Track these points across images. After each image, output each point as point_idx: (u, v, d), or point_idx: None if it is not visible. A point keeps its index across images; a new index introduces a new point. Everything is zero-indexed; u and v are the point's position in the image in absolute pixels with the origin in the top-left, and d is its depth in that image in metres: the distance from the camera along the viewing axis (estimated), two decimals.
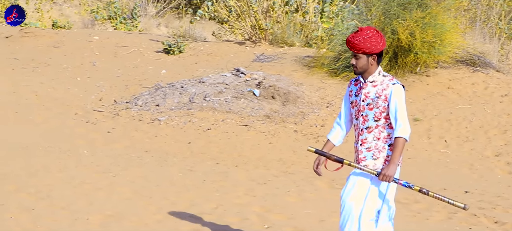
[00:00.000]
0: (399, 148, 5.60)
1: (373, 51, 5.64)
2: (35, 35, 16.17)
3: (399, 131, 5.60)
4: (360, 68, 5.70)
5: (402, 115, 5.61)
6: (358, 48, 5.63)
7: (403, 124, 5.60)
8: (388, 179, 5.62)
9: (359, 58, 5.67)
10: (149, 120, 11.75)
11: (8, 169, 8.71)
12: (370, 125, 5.71)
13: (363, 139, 5.75)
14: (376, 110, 5.68)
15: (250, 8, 15.68)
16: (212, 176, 9.10)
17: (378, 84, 5.69)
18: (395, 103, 5.62)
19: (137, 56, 15.34)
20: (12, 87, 13.12)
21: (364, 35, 5.63)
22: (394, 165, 5.61)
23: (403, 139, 5.60)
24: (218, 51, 15.45)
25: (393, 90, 5.64)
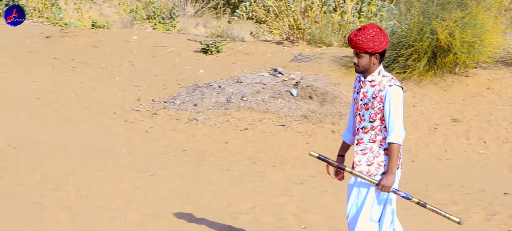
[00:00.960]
0: (394, 155, 5.46)
1: (376, 51, 5.48)
2: (75, 35, 16.32)
3: (392, 136, 5.44)
4: (362, 67, 5.54)
5: (395, 119, 5.45)
6: (360, 47, 5.47)
7: (396, 128, 5.44)
8: (387, 190, 5.49)
9: (361, 57, 5.51)
10: (187, 120, 11.80)
11: (47, 167, 8.80)
12: (365, 125, 5.57)
13: (359, 139, 5.61)
14: (371, 111, 5.53)
15: (288, 8, 15.66)
16: (249, 176, 9.11)
17: (376, 85, 5.53)
18: (389, 106, 5.46)
19: (175, 56, 15.40)
20: (52, 87, 13.26)
21: (366, 35, 5.47)
22: (392, 175, 5.48)
23: (397, 145, 5.44)
24: (256, 51, 15.46)
25: (388, 93, 5.47)
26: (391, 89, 5.47)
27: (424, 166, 10.31)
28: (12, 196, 7.77)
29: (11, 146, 9.59)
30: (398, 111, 5.48)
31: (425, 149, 11.00)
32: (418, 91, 12.68)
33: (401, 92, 5.53)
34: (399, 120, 5.47)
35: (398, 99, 5.49)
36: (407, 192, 8.62)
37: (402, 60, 12.97)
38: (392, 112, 5.46)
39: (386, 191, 5.50)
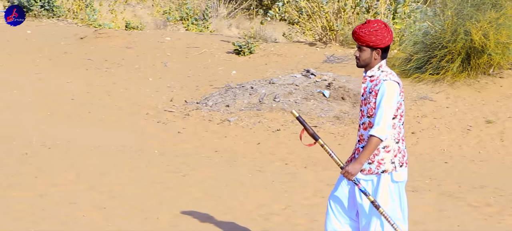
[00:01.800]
0: (369, 147, 5.35)
1: (378, 45, 5.41)
2: (108, 36, 16.44)
3: (375, 129, 5.33)
4: (363, 61, 5.48)
5: (384, 113, 5.34)
6: (362, 40, 5.42)
7: (382, 123, 5.33)
8: (349, 176, 5.41)
9: (363, 51, 5.45)
10: (219, 120, 11.82)
11: (81, 168, 8.87)
12: (364, 121, 5.49)
13: (360, 135, 5.55)
14: (368, 106, 5.45)
15: (321, 9, 15.63)
16: (281, 177, 9.10)
17: (374, 80, 5.47)
18: (380, 100, 5.37)
19: (208, 57, 15.45)
20: (85, 88, 13.37)
21: (370, 28, 5.41)
22: (359, 164, 5.39)
23: (377, 139, 5.33)
24: (288, 52, 15.45)
25: (382, 87, 5.39)
26: (386, 84, 5.39)
27: (458, 167, 10.24)
28: (47, 196, 7.84)
29: (45, 146, 9.68)
30: (389, 107, 5.37)
31: (459, 151, 10.92)
32: (451, 93, 12.59)
33: (397, 87, 5.42)
34: (387, 115, 5.36)
35: (391, 94, 5.38)
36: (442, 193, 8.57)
37: (436, 62, 12.89)
38: (381, 106, 5.36)
39: (348, 177, 5.42)
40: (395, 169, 5.50)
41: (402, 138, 5.54)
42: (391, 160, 5.49)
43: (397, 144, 5.49)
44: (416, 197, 8.56)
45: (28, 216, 7.24)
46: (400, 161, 5.52)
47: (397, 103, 5.42)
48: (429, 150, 10.87)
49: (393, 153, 5.49)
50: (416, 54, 13.18)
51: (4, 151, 9.26)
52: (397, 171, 5.51)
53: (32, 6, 18.58)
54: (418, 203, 8.31)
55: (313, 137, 5.63)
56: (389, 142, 5.46)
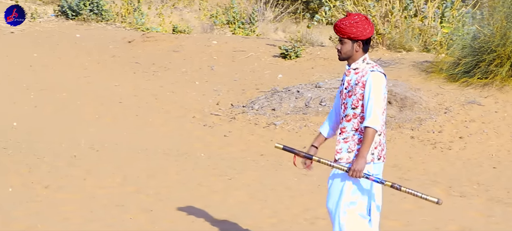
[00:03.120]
0: (368, 139, 5.38)
1: (358, 37, 5.46)
2: (156, 40, 16.56)
3: (368, 120, 5.36)
4: (344, 54, 5.53)
5: (374, 104, 5.37)
6: (343, 32, 5.48)
7: (373, 113, 5.36)
8: (358, 174, 5.41)
9: (344, 44, 5.50)
10: (265, 124, 11.84)
11: (128, 170, 8.95)
12: (348, 113, 5.51)
13: (342, 128, 5.55)
14: (353, 97, 5.47)
15: (368, 13, 15.57)
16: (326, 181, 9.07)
17: (359, 72, 5.49)
18: (369, 91, 5.40)
19: (254, 60, 15.48)
20: (133, 91, 13.49)
21: (351, 20, 5.47)
22: (362, 158, 5.40)
23: (372, 129, 5.36)
24: (335, 56, 15.41)
25: (369, 77, 5.42)
26: (372, 75, 5.43)
27: (506, 173, 10.10)
28: (94, 198, 7.93)
29: (93, 149, 9.79)
30: (378, 97, 5.41)
31: (508, 156, 10.77)
32: (500, 97, 12.43)
33: (383, 79, 5.46)
34: (378, 105, 5.40)
35: (379, 85, 5.42)
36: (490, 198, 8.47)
37: (484, 66, 12.74)
38: (371, 97, 5.40)
39: (358, 176, 5.43)
40: (373, 161, 5.51)
41: (383, 132, 5.57)
42: (371, 151, 5.51)
43: (379, 137, 5.52)
44: (464, 202, 8.48)
45: (76, 217, 7.34)
46: (378, 153, 5.55)
47: (383, 94, 5.46)
48: (477, 155, 10.75)
49: (373, 145, 5.51)
50: (464, 58, 13.04)
51: (54, 153, 9.39)
52: (375, 163, 5.53)
53: (82, 10, 18.81)
54: (466, 208, 8.23)
55: (306, 157, 5.67)
56: None
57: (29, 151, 9.40)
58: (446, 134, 11.21)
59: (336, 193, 5.65)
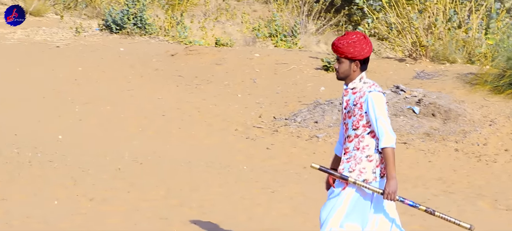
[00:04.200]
0: (390, 159, 5.35)
1: (356, 57, 5.42)
2: (198, 53, 16.64)
3: (383, 141, 5.33)
4: (342, 74, 5.49)
5: (383, 123, 5.34)
6: (340, 52, 5.43)
7: (385, 132, 5.33)
8: (392, 197, 5.39)
9: (341, 63, 5.46)
10: (308, 137, 11.83)
11: (171, 183, 9.01)
12: (350, 133, 5.48)
13: (346, 148, 5.53)
14: (353, 118, 5.44)
15: (411, 24, 15.49)
16: None
17: (357, 92, 5.45)
18: (374, 112, 5.36)
19: (297, 73, 15.48)
20: (176, 104, 13.57)
21: (348, 39, 5.42)
22: (393, 179, 5.38)
23: (391, 148, 5.34)
24: (377, 68, 15.34)
25: (369, 98, 5.38)
26: (371, 95, 5.39)
27: None
28: (138, 211, 7.99)
29: (137, 162, 9.87)
30: (384, 115, 5.37)
31: None
32: None
33: (383, 97, 5.43)
34: (386, 123, 5.36)
35: (381, 104, 5.39)
36: None
37: None
38: (378, 118, 5.36)
39: (392, 199, 5.41)
40: (375, 179, 5.49)
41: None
42: (373, 170, 5.49)
43: (379, 155, 5.48)
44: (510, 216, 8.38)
45: (120, 230, 7.39)
46: (381, 171, 5.50)
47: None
48: None
49: (375, 163, 5.48)
50: (509, 70, 12.90)
51: (98, 166, 9.48)
52: (377, 182, 5.50)
53: (125, 24, 18.99)
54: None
55: (342, 178, 5.59)
56: (371, 152, 5.45)
57: (74, 163, 9.51)
58: (491, 146, 11.09)
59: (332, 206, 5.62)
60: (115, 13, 19.23)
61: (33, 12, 20.40)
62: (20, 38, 18.10)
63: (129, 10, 19.04)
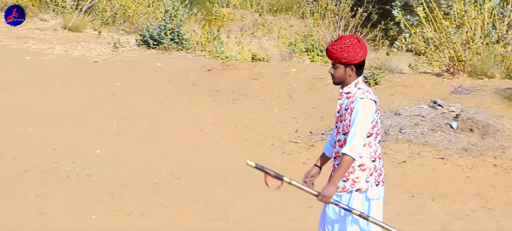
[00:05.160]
0: (342, 167, 5.29)
1: (350, 62, 5.36)
2: (235, 68, 16.70)
3: (347, 147, 5.27)
4: (337, 78, 5.43)
5: (357, 131, 5.27)
6: (335, 57, 5.37)
7: (354, 141, 5.26)
8: (326, 200, 5.33)
9: (336, 68, 5.41)
10: None
11: (208, 198, 9.03)
12: (340, 138, 5.43)
13: (336, 152, 5.49)
14: (344, 123, 5.39)
15: (448, 39, 15.40)
16: (407, 209, 8.99)
17: (351, 97, 5.39)
18: (354, 118, 5.30)
19: (333, 88, 15.44)
20: (212, 118, 13.62)
21: (342, 44, 5.35)
22: (333, 185, 5.33)
23: (349, 157, 5.26)
24: (415, 83, 15.27)
25: (357, 104, 5.32)
26: (361, 102, 5.33)
27: None
28: (176, 226, 8.02)
29: (174, 176, 9.91)
30: (362, 125, 5.29)
31: None
32: None
33: (372, 106, 5.34)
34: (360, 133, 5.28)
35: (366, 112, 5.31)
36: None
37: None
38: (354, 124, 5.29)
39: (326, 202, 5.36)
40: (370, 188, 5.42)
41: (378, 156, 5.47)
42: (366, 178, 5.42)
43: (373, 163, 5.42)
44: None
45: None
46: (375, 180, 5.44)
47: (372, 122, 5.35)
48: None
49: (368, 172, 5.42)
50: None
51: (136, 181, 9.55)
52: (372, 190, 5.43)
53: (163, 39, 19.12)
54: None
55: (276, 178, 5.56)
56: (365, 160, 5.40)
57: (112, 178, 9.58)
58: None
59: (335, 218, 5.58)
60: (152, 29, 19.38)
61: (71, 28, 20.64)
62: (59, 53, 18.31)
63: (166, 25, 19.17)
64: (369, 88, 5.47)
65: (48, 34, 20.23)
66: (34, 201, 8.60)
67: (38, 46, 18.83)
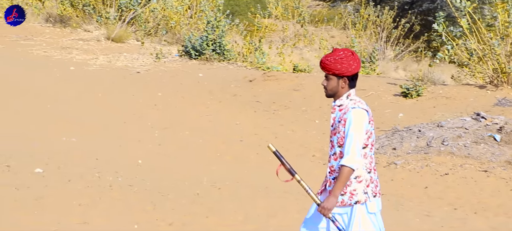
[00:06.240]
0: (341, 178, 5.26)
1: (343, 74, 5.36)
2: (276, 79, 16.72)
3: (345, 159, 5.25)
4: (330, 91, 5.42)
5: (353, 142, 5.25)
6: (328, 68, 5.37)
7: (351, 152, 5.24)
8: (326, 212, 5.30)
9: (329, 80, 5.40)
10: (386, 163, 11.74)
11: (249, 209, 9.04)
12: (335, 151, 5.39)
13: (331, 166, 5.45)
14: (338, 135, 5.36)
15: (492, 51, 15.26)
16: (450, 222, 8.91)
17: (343, 108, 5.38)
18: (348, 128, 5.28)
19: (375, 99, 15.40)
20: (253, 129, 13.65)
21: (335, 56, 5.36)
22: (334, 197, 5.29)
23: (348, 168, 5.24)
24: (457, 95, 15.15)
25: (350, 114, 5.30)
26: (353, 112, 5.31)
27: None
28: None
29: (215, 187, 9.95)
30: (358, 135, 5.27)
31: None
32: None
33: (365, 116, 5.32)
34: (356, 143, 5.26)
35: (359, 122, 5.29)
36: None
37: None
38: (349, 135, 5.28)
39: (325, 214, 5.33)
40: (368, 199, 5.37)
41: (373, 168, 5.45)
42: (364, 190, 5.38)
43: (369, 174, 5.40)
44: None
45: None
46: (373, 191, 5.41)
47: (367, 132, 5.34)
48: None
49: (365, 183, 5.39)
50: None
51: (178, 191, 9.60)
52: (370, 201, 5.39)
53: (204, 50, 19.23)
54: None
55: (289, 172, 5.63)
56: (361, 172, 5.37)
57: (154, 188, 9.64)
58: None
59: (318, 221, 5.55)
60: (194, 39, 19.49)
61: (115, 39, 20.85)
62: (102, 64, 18.50)
63: (208, 36, 19.28)
64: (361, 99, 5.49)
65: (92, 44, 20.46)
66: (78, 211, 8.69)
67: (82, 56, 19.05)
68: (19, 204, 8.74)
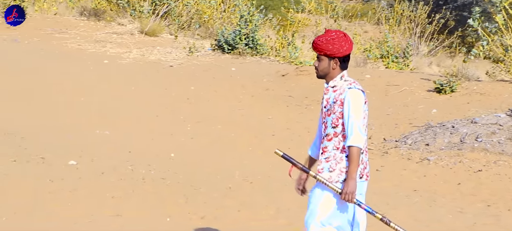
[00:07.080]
0: (354, 159, 5.30)
1: (335, 55, 5.38)
2: (309, 73, 16.70)
3: (350, 139, 5.27)
4: (321, 71, 5.44)
5: (354, 122, 5.28)
6: (319, 49, 5.40)
7: (355, 131, 5.26)
8: (350, 197, 5.32)
9: (321, 61, 5.43)
10: (418, 159, 11.68)
11: (280, 203, 9.05)
12: (328, 132, 5.41)
13: (324, 147, 5.45)
14: (333, 116, 5.37)
15: None
16: (483, 219, 8.85)
17: (337, 89, 5.39)
18: (348, 109, 5.30)
19: (408, 95, 15.33)
20: (286, 124, 13.65)
21: (327, 37, 5.39)
22: (352, 180, 5.32)
23: (357, 148, 5.28)
24: (492, 91, 15.03)
25: (347, 95, 5.33)
26: (350, 92, 5.35)
27: None
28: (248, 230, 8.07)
29: (247, 181, 9.97)
30: (358, 114, 5.31)
31: None
32: None
33: (362, 95, 5.37)
34: (359, 122, 5.29)
35: (358, 102, 5.33)
36: None
37: None
38: (351, 115, 5.30)
39: (349, 199, 5.34)
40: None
41: (365, 149, 5.50)
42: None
43: (361, 155, 5.42)
44: None
45: None
46: (361, 172, 5.47)
47: (363, 111, 5.37)
48: None
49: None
50: None
51: (210, 184, 9.64)
52: (357, 182, 5.41)
53: (237, 44, 19.26)
54: None
55: (303, 171, 5.64)
56: None
57: (186, 181, 9.69)
58: None
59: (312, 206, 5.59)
60: (227, 34, 19.53)
61: (148, 32, 20.95)
62: (135, 57, 18.61)
63: (241, 30, 19.30)
64: (356, 80, 5.53)
65: (125, 38, 20.59)
66: (111, 203, 8.76)
67: (115, 50, 19.18)
68: (53, 195, 8.84)
